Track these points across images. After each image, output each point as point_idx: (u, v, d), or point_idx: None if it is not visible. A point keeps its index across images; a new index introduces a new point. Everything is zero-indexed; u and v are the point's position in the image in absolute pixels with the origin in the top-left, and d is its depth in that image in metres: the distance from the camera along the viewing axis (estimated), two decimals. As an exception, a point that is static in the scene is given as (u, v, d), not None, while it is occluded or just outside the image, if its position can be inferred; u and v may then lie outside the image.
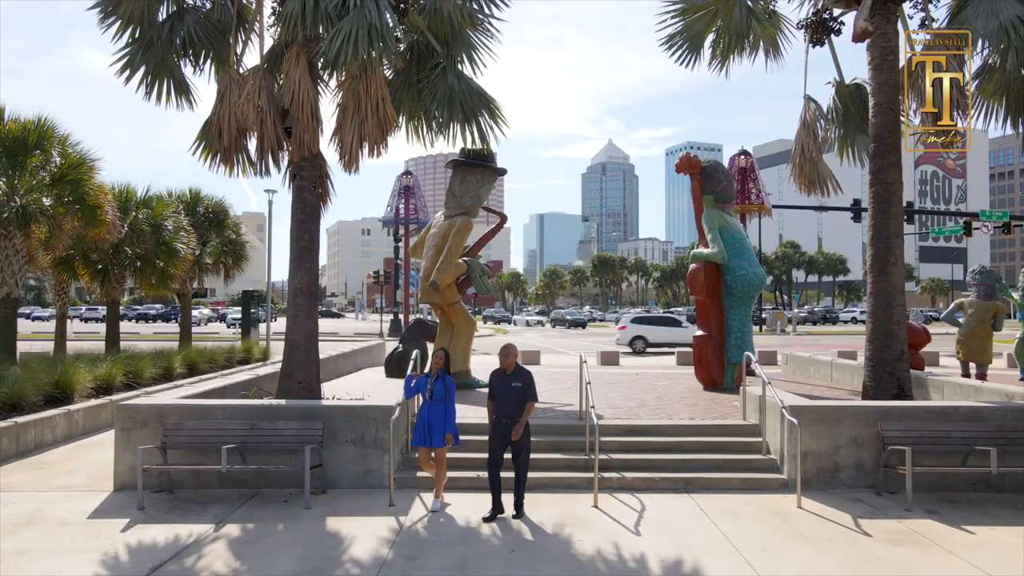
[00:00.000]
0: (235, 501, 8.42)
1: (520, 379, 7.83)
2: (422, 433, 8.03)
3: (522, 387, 7.76)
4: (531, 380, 7.91)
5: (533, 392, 7.89)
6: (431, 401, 8.02)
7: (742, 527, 7.50)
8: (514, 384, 7.78)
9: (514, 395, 7.72)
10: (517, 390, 7.74)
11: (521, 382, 7.79)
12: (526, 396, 7.75)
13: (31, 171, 15.89)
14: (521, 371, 7.93)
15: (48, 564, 6.49)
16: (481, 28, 12.10)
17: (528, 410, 7.76)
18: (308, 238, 11.27)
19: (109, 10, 10.97)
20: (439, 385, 8.08)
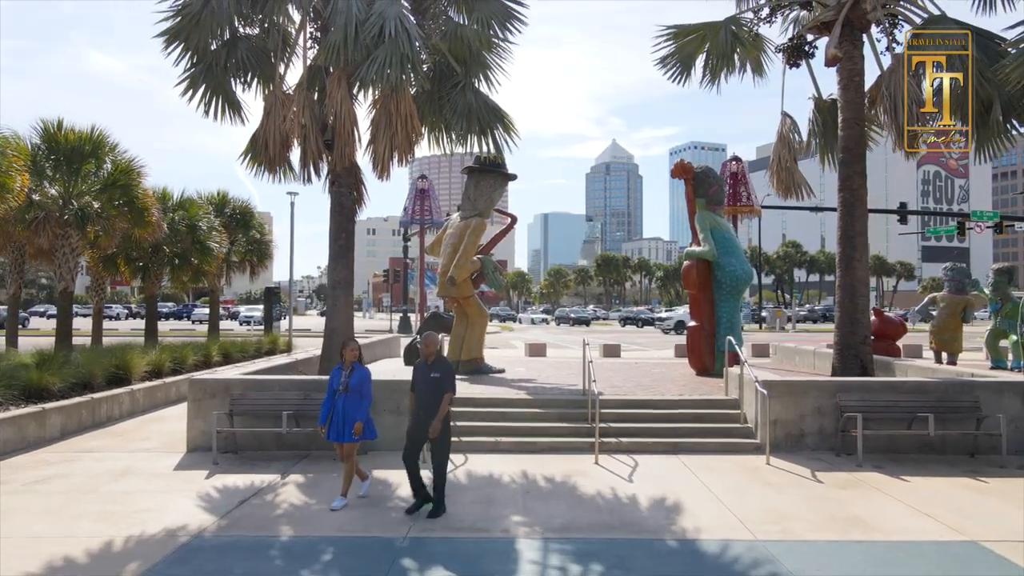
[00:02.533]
0: (293, 459, 10.00)
1: (439, 370, 7.46)
2: (337, 427, 7.78)
3: (440, 377, 7.39)
4: (450, 371, 7.55)
5: (451, 383, 7.49)
6: (346, 393, 7.72)
7: (717, 478, 9.05)
8: (432, 375, 7.41)
9: (432, 386, 7.37)
10: (435, 381, 7.37)
11: (440, 372, 7.43)
12: (444, 387, 7.37)
13: (85, 177, 17.51)
14: (441, 361, 7.61)
15: (156, 500, 8.07)
16: (496, 51, 13.68)
17: (445, 403, 7.35)
18: (345, 237, 12.88)
19: (173, 39, 12.53)
20: (354, 377, 7.76)
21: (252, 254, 26.33)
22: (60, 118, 17.24)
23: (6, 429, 10.26)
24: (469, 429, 10.91)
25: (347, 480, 7.96)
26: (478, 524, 7.20)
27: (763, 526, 7.13)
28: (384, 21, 11.48)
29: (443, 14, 13.39)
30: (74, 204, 16.85)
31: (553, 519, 7.35)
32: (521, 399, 12.17)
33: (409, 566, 6.09)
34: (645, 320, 65.86)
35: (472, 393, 12.65)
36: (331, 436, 7.86)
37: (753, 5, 13.96)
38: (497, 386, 13.81)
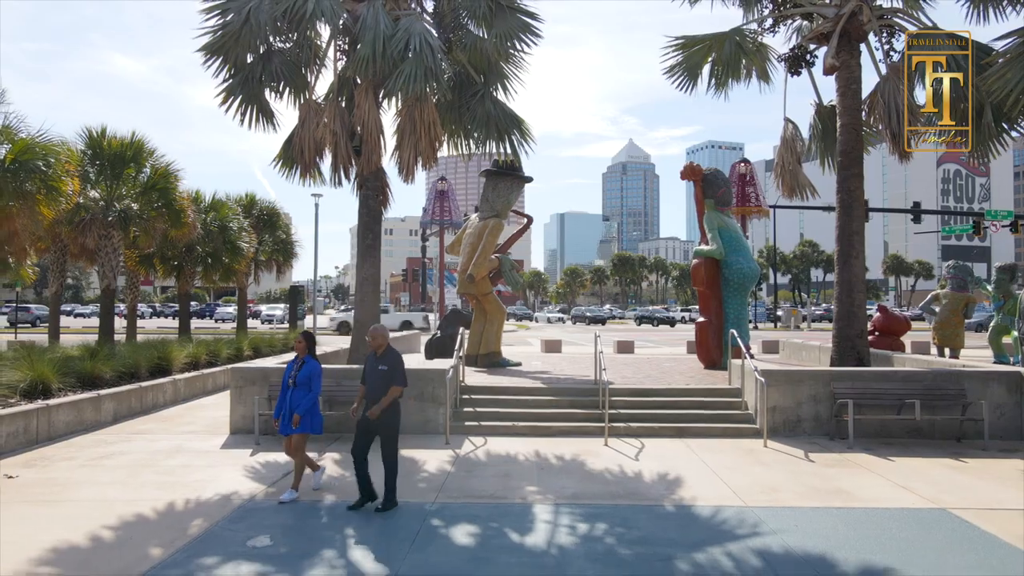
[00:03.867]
0: (326, 440, 10.90)
1: (387, 362, 7.32)
2: (285, 420, 7.76)
3: (388, 370, 7.27)
4: (399, 364, 7.37)
5: (400, 376, 7.32)
6: (294, 387, 7.67)
7: (717, 457, 9.84)
8: (380, 367, 7.29)
9: (380, 378, 7.26)
10: (383, 373, 7.25)
11: (387, 365, 7.30)
12: (392, 379, 7.25)
13: (126, 180, 18.60)
14: (390, 354, 7.42)
15: (208, 473, 9.01)
16: (513, 61, 14.54)
17: (391, 394, 7.23)
18: (372, 237, 13.79)
19: (213, 53, 13.48)
20: (303, 371, 7.69)
21: (278, 253, 27.45)
22: (104, 126, 18.34)
23: (68, 412, 11.27)
24: (488, 415, 11.79)
25: (297, 473, 7.86)
26: (497, 493, 8.06)
27: (753, 495, 7.93)
28: (410, 36, 12.37)
29: (463, 28, 14.26)
30: (116, 206, 17.95)
31: (565, 489, 8.20)
32: (536, 387, 13.02)
33: (438, 524, 6.96)
34: (661, 319, 66.49)
35: (490, 383, 13.54)
36: (281, 429, 7.83)
37: (757, 16, 14.70)
38: (514, 377, 14.67)
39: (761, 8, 14.57)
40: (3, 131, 13.51)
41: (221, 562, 5.91)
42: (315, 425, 7.82)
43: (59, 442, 10.66)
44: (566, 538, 6.55)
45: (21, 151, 13.32)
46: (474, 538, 6.58)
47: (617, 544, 6.39)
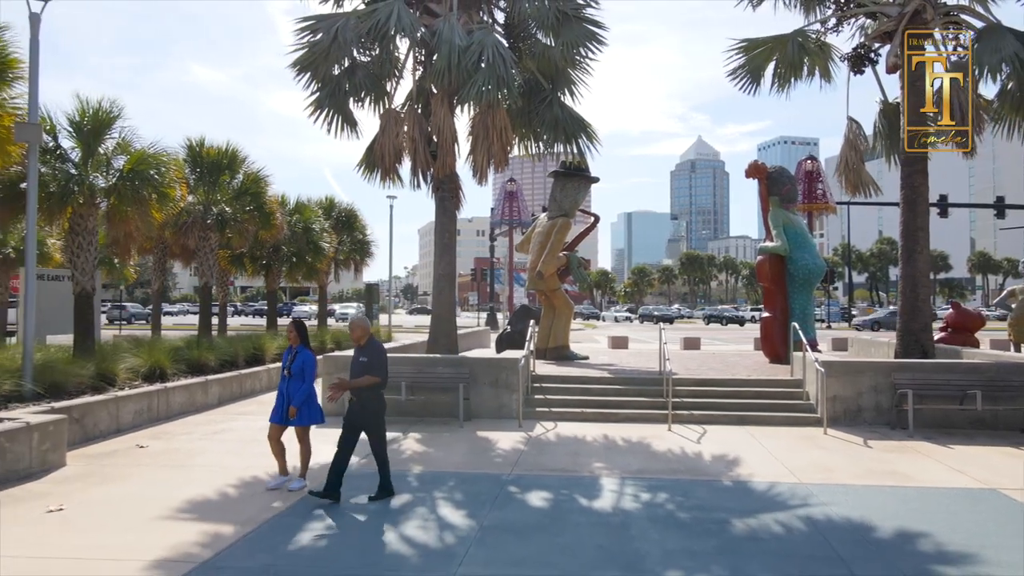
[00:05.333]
0: (410, 422, 11.88)
1: (367, 354, 7.30)
2: (279, 410, 7.76)
3: (368, 362, 7.25)
4: (379, 356, 7.34)
5: (379, 368, 7.29)
6: (289, 377, 7.65)
7: (776, 442, 10.33)
8: (361, 359, 7.28)
9: (361, 369, 7.25)
10: (363, 365, 7.24)
11: (368, 357, 7.28)
12: (370, 370, 7.25)
13: (221, 186, 20.16)
14: (371, 346, 7.38)
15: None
16: (579, 68, 15.24)
17: (365, 380, 7.23)
18: (448, 236, 14.74)
19: (303, 69, 14.65)
20: (297, 360, 7.64)
21: (356, 253, 28.88)
22: (202, 136, 19.95)
23: (182, 394, 12.62)
24: (557, 402, 12.55)
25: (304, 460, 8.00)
26: (567, 468, 8.82)
27: (808, 474, 8.44)
28: (483, 48, 13.25)
29: (532, 38, 15.06)
30: (214, 210, 19.50)
31: (629, 465, 8.89)
32: (603, 377, 13.71)
33: (514, 490, 7.78)
34: (729, 318, 65.83)
35: (559, 372, 14.31)
36: (272, 418, 7.84)
37: (820, 17, 14.98)
38: (581, 368, 15.40)
39: (824, 8, 14.84)
40: (122, 144, 15.02)
41: (331, 513, 6.88)
42: (314, 415, 7.77)
43: (175, 420, 11.98)
44: (630, 504, 7.26)
45: (137, 161, 14.79)
46: (547, 502, 7.36)
47: (676, 510, 7.06)
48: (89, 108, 14.69)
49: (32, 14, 10.44)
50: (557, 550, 5.89)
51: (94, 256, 15.04)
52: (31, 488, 7.74)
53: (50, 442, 8.58)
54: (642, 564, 5.58)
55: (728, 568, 5.48)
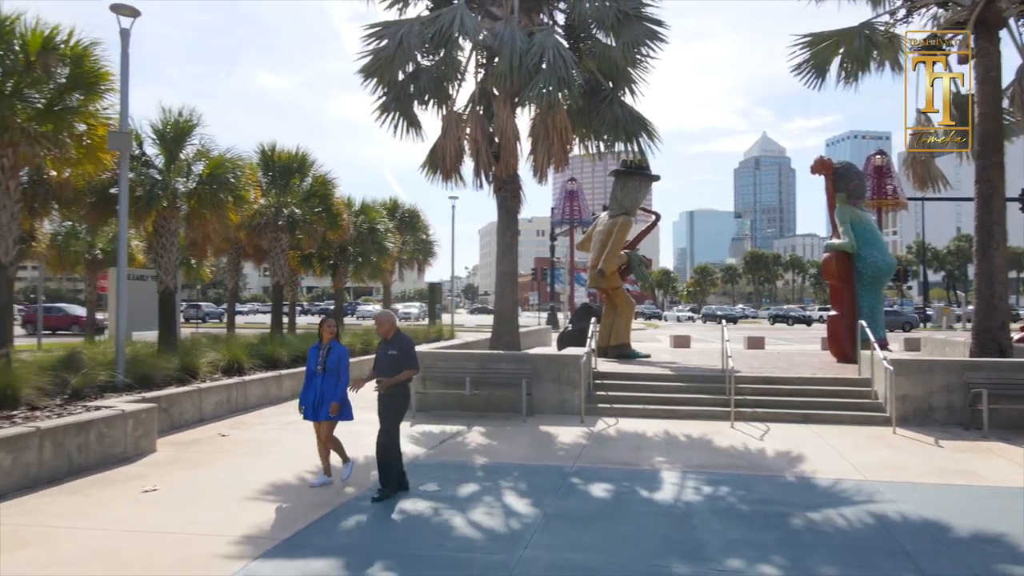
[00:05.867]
0: (473, 416, 12.19)
1: (396, 347, 7.23)
2: (313, 407, 7.63)
3: (397, 355, 7.17)
4: (409, 348, 7.27)
5: (411, 360, 7.22)
6: (323, 373, 7.53)
7: (843, 440, 10.21)
8: (390, 352, 7.21)
9: (390, 363, 7.18)
10: (392, 358, 7.17)
11: (397, 350, 7.20)
12: (402, 364, 7.18)
13: (291, 189, 20.96)
14: (399, 339, 7.30)
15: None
16: (640, 66, 15.29)
17: (405, 375, 7.20)
18: (510, 235, 15.00)
19: (370, 74, 15.14)
20: (332, 355, 7.54)
21: (419, 253, 29.53)
22: (274, 142, 20.83)
23: (258, 387, 13.25)
24: (618, 398, 12.67)
25: (339, 450, 7.97)
26: (629, 461, 8.95)
27: (875, 472, 8.35)
28: (543, 50, 13.46)
29: (593, 38, 15.19)
30: (285, 211, 20.30)
31: (691, 460, 8.97)
32: (665, 375, 13.75)
33: (577, 481, 7.96)
34: (796, 318, 64.25)
35: (620, 370, 14.41)
36: (307, 415, 7.70)
37: (889, 8, 14.65)
38: (643, 366, 15.44)
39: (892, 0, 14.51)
40: (201, 150, 15.84)
41: (401, 499, 7.21)
42: (346, 412, 7.69)
43: (252, 411, 12.60)
44: (691, 496, 7.36)
45: (215, 166, 15.58)
46: (609, 493, 7.53)
47: (738, 503, 7.13)
48: (171, 117, 15.54)
49: (122, 30, 11.16)
50: (619, 538, 6.06)
51: (176, 256, 15.90)
52: (127, 471, 8.33)
53: (142, 429, 9.20)
54: (703, 552, 5.70)
55: (789, 559, 5.55)
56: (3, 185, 11.41)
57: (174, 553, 5.63)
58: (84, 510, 6.80)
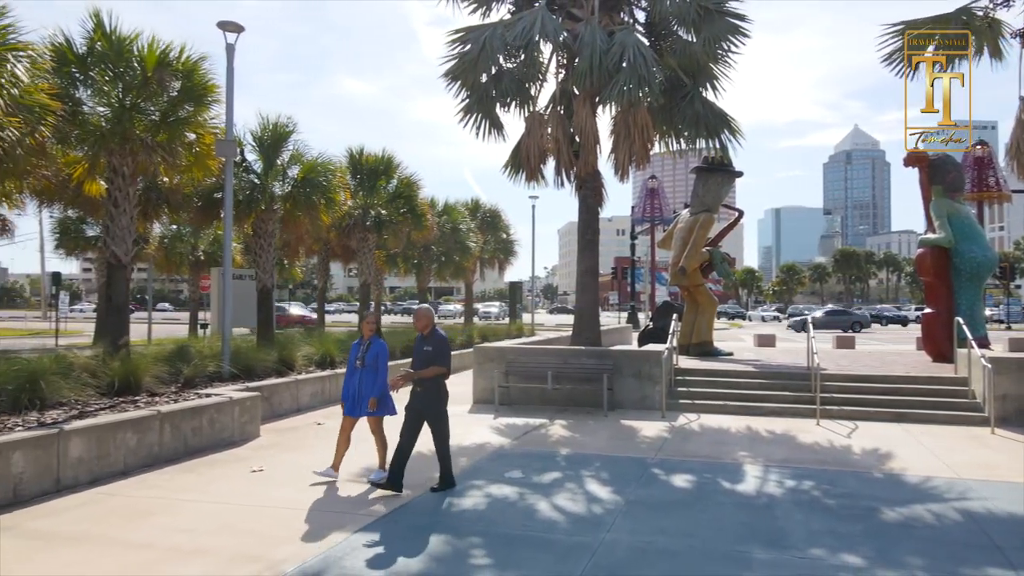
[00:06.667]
0: (555, 410, 12.45)
1: (432, 343, 7.13)
2: (351, 402, 7.63)
3: (432, 352, 7.09)
4: (443, 345, 7.18)
5: (443, 358, 7.14)
6: (362, 368, 7.53)
7: (935, 440, 9.92)
8: (425, 348, 7.11)
9: (425, 358, 7.09)
10: (427, 354, 7.08)
11: (432, 346, 7.11)
12: (435, 362, 7.10)
13: (378, 190, 21.77)
14: (435, 336, 7.19)
15: (462, 429, 10.82)
16: (722, 61, 15.18)
17: (431, 371, 7.09)
18: (591, 233, 15.17)
19: (453, 78, 15.60)
20: (371, 351, 7.54)
21: (500, 252, 30.02)
22: (361, 145, 21.70)
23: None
24: (700, 394, 12.66)
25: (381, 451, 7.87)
26: (711, 455, 9.01)
27: (968, 470, 8.12)
28: (624, 49, 13.58)
29: (674, 35, 15.19)
30: (372, 212, 21.11)
31: (774, 455, 8.94)
32: (747, 371, 13.62)
33: (658, 472, 8.10)
34: (890, 318, 61.53)
35: (702, 366, 14.36)
36: (347, 411, 7.72)
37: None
38: (726, 363, 15.32)
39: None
40: (295, 155, 16.73)
41: (488, 484, 7.55)
42: (389, 406, 7.67)
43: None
44: (774, 489, 7.38)
45: (308, 170, 16.43)
46: (690, 483, 7.64)
47: (823, 496, 7.11)
48: (268, 124, 16.48)
49: (228, 45, 11.98)
50: (700, 524, 6.18)
51: (273, 256, 16.85)
52: (235, 453, 9.01)
53: (248, 415, 9.90)
54: (785, 540, 5.76)
55: (875, 549, 5.54)
56: (123, 191, 12.45)
57: (283, 525, 6.13)
58: (199, 486, 7.44)
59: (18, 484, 6.70)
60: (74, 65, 12.05)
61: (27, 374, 8.35)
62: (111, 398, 9.14)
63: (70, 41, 12.05)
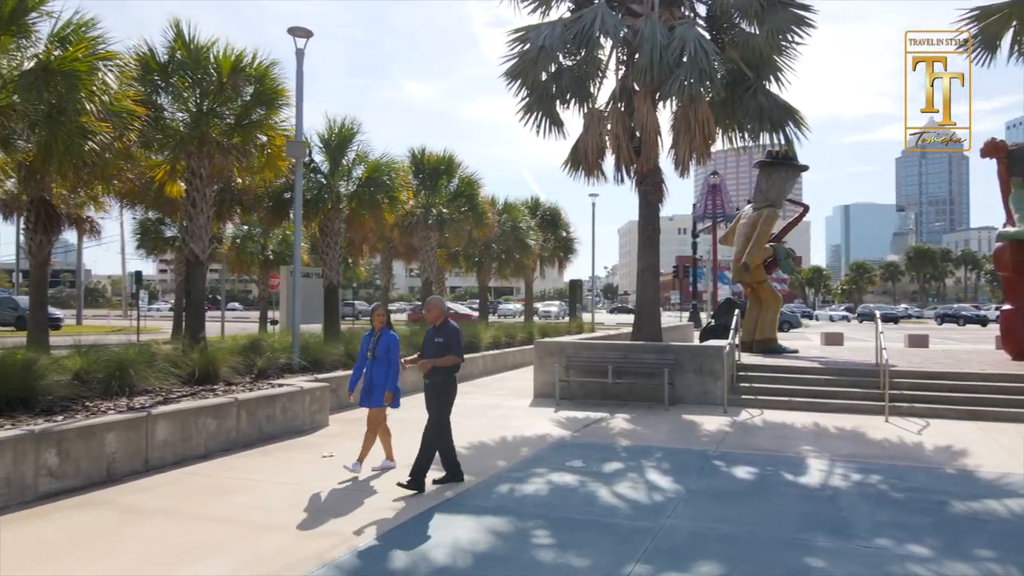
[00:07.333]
0: (615, 405, 12.49)
1: (443, 335, 7.04)
2: (364, 392, 7.64)
3: (443, 342, 6.98)
4: (456, 336, 7.06)
5: (456, 348, 7.01)
6: (374, 360, 7.52)
7: (1013, 438, 9.58)
8: (437, 340, 7.04)
9: (436, 350, 7.00)
10: (439, 345, 6.99)
11: (443, 337, 7.01)
12: (447, 351, 6.99)
13: (439, 189, 22.16)
14: (447, 327, 7.10)
15: (523, 420, 11.05)
16: (786, 53, 14.95)
17: (447, 360, 6.99)
18: (651, 229, 15.14)
19: (514, 77, 15.78)
20: (381, 343, 7.52)
21: (560, 250, 30.11)
22: (423, 145, 22.16)
23: (411, 375, 14.24)
24: (763, 390, 12.51)
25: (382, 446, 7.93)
26: (774, 449, 8.94)
27: (1047, 468, 7.84)
28: (684, 43, 13.52)
29: (736, 28, 15.03)
30: (434, 211, 21.51)
31: (840, 450, 8.81)
32: (813, 367, 13.38)
33: (720, 463, 8.10)
34: (968, 318, 59.04)
35: (765, 362, 14.17)
36: (362, 403, 7.74)
37: (1073, -29, 13.38)
38: (790, 360, 15.07)
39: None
40: (360, 155, 17.22)
41: (549, 471, 7.69)
42: (395, 400, 7.61)
43: (407, 396, 13.51)
44: (839, 482, 7.30)
45: (373, 170, 16.89)
46: (752, 475, 7.61)
47: (890, 490, 6.99)
48: (335, 126, 17.01)
49: (298, 50, 12.47)
50: (762, 513, 6.18)
51: (339, 254, 17.38)
52: (305, 440, 9.40)
53: (317, 405, 10.30)
54: (849, 530, 5.72)
55: (943, 541, 5.45)
56: (201, 192, 13.08)
57: (353, 504, 6.41)
58: (274, 468, 7.82)
59: (111, 463, 7.19)
60: (156, 73, 12.73)
61: (116, 363, 8.90)
62: (192, 386, 9.65)
63: (153, 50, 12.74)
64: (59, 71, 9.29)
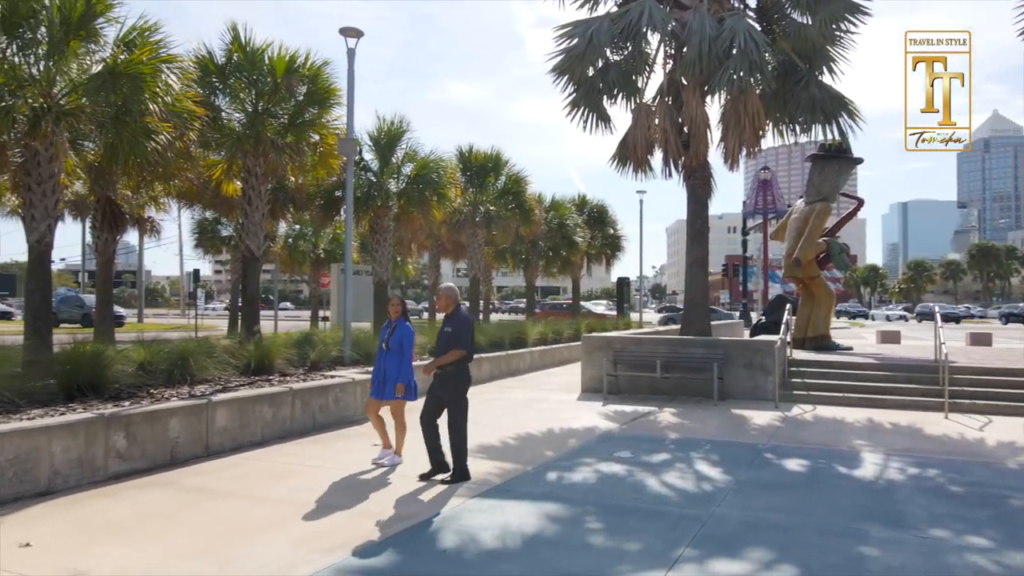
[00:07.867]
0: (664, 399, 12.43)
1: (452, 324, 6.77)
2: (378, 384, 7.53)
3: (452, 333, 6.73)
4: (464, 327, 6.78)
5: (464, 340, 6.74)
6: (387, 351, 7.38)
7: (1081, 435, 9.22)
8: (446, 329, 6.81)
9: (445, 340, 6.80)
10: (447, 335, 6.76)
11: (452, 327, 6.75)
12: (454, 343, 6.72)
13: (487, 187, 22.32)
14: (457, 316, 6.83)
15: (571, 414, 11.08)
16: (839, 43, 14.63)
17: (451, 357, 6.72)
18: (700, 223, 15.00)
19: (561, 73, 15.82)
20: (396, 334, 7.37)
21: (607, 248, 29.99)
22: (471, 144, 22.35)
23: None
24: (815, 386, 12.28)
25: (399, 437, 7.72)
26: (826, 443, 8.79)
27: (1118, 465, 7.54)
28: (734, 35, 13.35)
29: (787, 18, 14.78)
30: (481, 208, 21.69)
31: (895, 444, 8.62)
32: (867, 363, 13.08)
33: (770, 456, 8.01)
34: (1034, 317, 56.68)
35: (818, 358, 13.91)
36: (373, 393, 7.66)
37: None
38: (843, 356, 14.75)
39: None
40: (409, 153, 17.48)
41: (597, 461, 7.72)
42: (411, 393, 7.45)
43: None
44: (895, 475, 7.15)
45: (421, 167, 17.13)
46: (803, 467, 7.52)
47: (948, 484, 6.83)
48: (384, 124, 17.31)
49: (349, 50, 12.73)
50: (814, 503, 6.11)
51: (388, 251, 17.67)
52: (357, 430, 9.61)
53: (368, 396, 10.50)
54: (905, 521, 5.61)
55: (1003, 534, 5.31)
56: (256, 190, 13.48)
57: (404, 488, 6.56)
58: (327, 455, 8.03)
59: (175, 447, 7.49)
60: (215, 75, 13.17)
61: (178, 354, 9.26)
62: (248, 377, 9.96)
63: (211, 53, 13.18)
64: (125, 73, 9.69)
